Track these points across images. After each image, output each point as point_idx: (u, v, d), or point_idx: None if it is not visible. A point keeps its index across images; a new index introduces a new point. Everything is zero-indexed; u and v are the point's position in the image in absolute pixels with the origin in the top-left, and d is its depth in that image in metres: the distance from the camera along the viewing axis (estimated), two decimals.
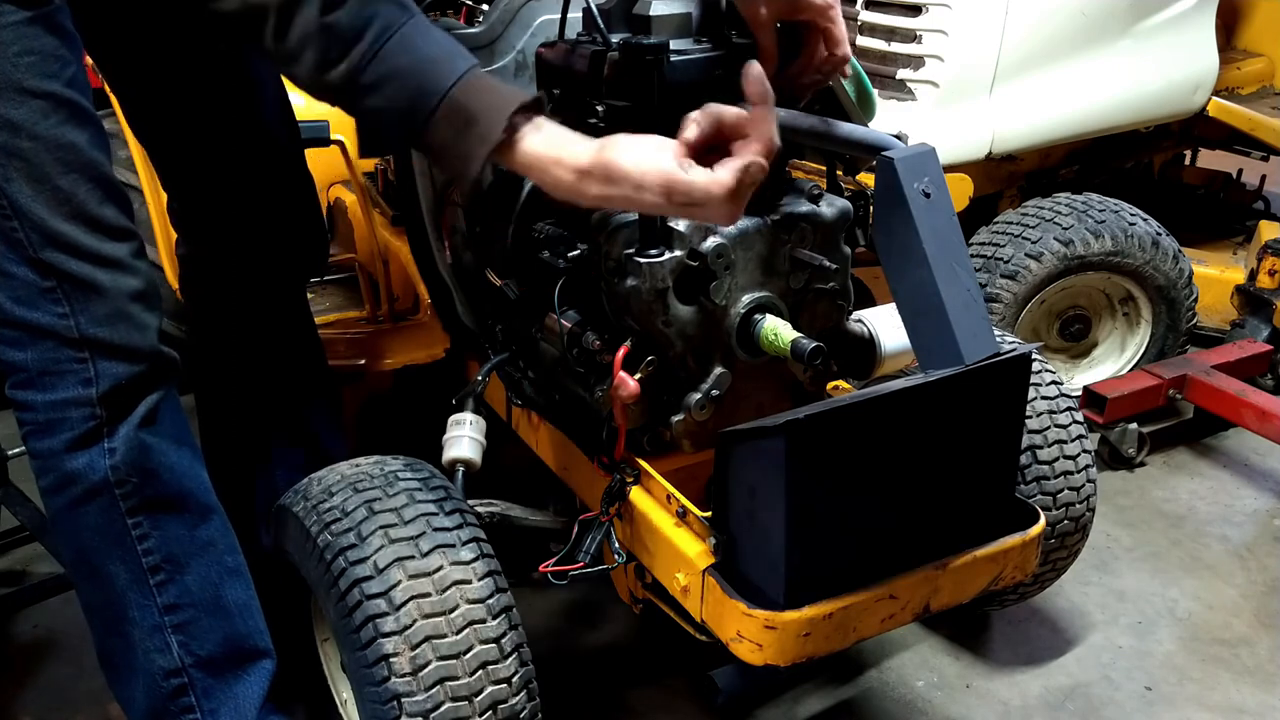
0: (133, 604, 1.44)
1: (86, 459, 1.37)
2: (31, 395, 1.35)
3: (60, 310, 1.33)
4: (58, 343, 1.33)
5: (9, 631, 2.07)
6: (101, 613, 1.46)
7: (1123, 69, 2.74)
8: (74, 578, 1.47)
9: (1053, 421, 1.81)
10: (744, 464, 1.28)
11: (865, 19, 2.69)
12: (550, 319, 1.58)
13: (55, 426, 1.36)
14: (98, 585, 1.44)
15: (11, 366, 1.35)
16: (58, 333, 1.33)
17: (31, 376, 1.34)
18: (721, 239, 1.43)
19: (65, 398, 1.35)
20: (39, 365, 1.34)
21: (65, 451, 1.37)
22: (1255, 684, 1.97)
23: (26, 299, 1.32)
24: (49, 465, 1.38)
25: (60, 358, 1.34)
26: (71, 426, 1.36)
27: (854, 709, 1.91)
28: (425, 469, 1.52)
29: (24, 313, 1.32)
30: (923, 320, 1.26)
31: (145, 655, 1.46)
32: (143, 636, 1.45)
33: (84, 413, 1.36)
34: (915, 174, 1.22)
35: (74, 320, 1.33)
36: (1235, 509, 2.49)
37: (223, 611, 1.50)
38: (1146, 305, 2.65)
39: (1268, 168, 3.45)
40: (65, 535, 1.43)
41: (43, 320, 1.32)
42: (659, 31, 1.49)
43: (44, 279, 1.31)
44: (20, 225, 1.29)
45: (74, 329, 1.33)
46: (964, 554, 1.37)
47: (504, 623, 1.37)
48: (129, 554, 1.42)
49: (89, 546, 1.41)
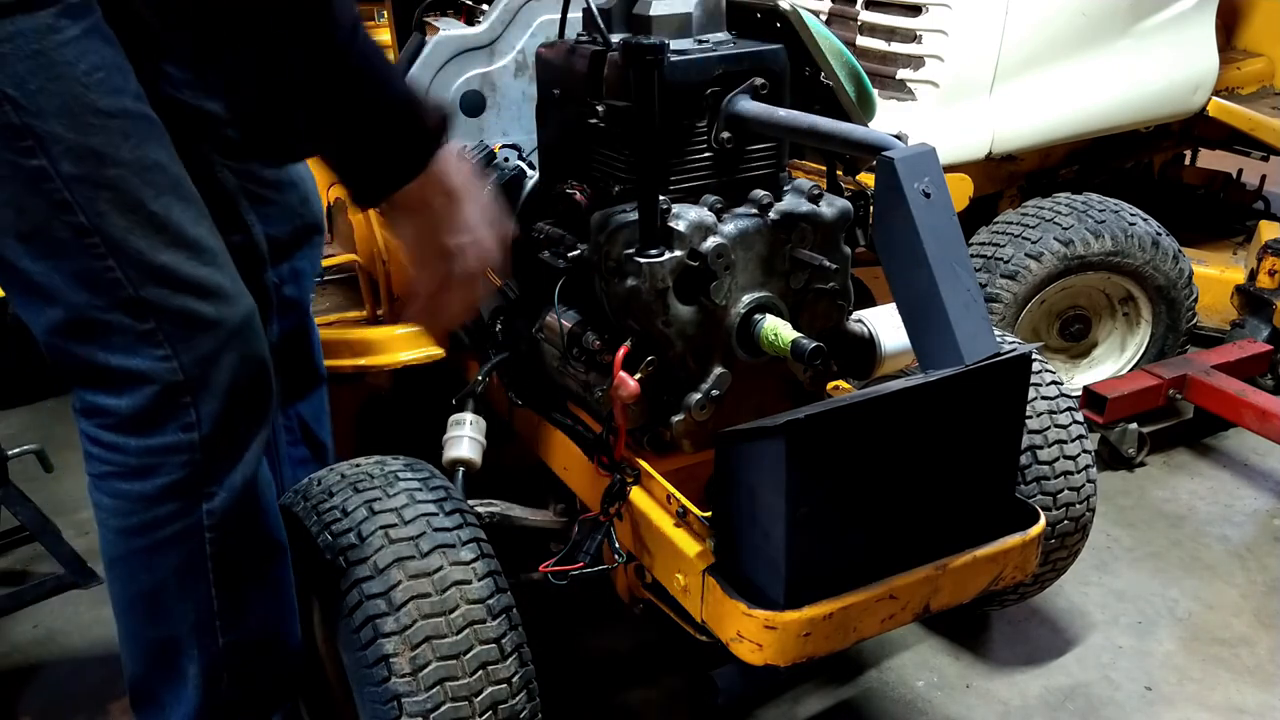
0: (195, 644, 1.34)
1: (179, 505, 1.26)
2: (123, 439, 1.23)
3: (161, 353, 1.20)
4: (157, 388, 1.21)
5: (9, 631, 2.07)
6: (155, 646, 1.36)
7: (1123, 69, 2.74)
8: (126, 611, 1.35)
9: (1053, 421, 1.81)
10: (744, 464, 1.28)
11: (865, 19, 2.70)
12: (550, 319, 1.59)
13: (149, 472, 1.24)
14: (160, 622, 1.34)
15: (102, 410, 1.22)
16: (159, 377, 1.20)
17: (124, 420, 1.22)
18: (721, 239, 1.43)
19: (164, 444, 1.23)
20: (135, 410, 1.21)
21: (155, 498, 1.25)
22: (1255, 684, 1.97)
23: (122, 346, 1.19)
24: (134, 508, 1.26)
25: (161, 404, 1.21)
26: (168, 472, 1.24)
27: (854, 709, 1.91)
28: (425, 469, 1.52)
29: (120, 361, 1.20)
30: (923, 320, 1.26)
31: (196, 689, 1.37)
32: (197, 673, 1.36)
33: (182, 459, 1.24)
34: (915, 174, 1.22)
35: (177, 362, 1.21)
36: (1235, 509, 2.49)
37: (276, 649, 1.43)
38: (1146, 305, 2.65)
39: (1268, 168, 3.45)
40: (135, 572, 1.31)
41: (142, 366, 1.20)
42: (659, 31, 1.49)
43: (141, 321, 1.19)
44: (117, 263, 1.17)
45: (177, 371, 1.21)
46: (964, 554, 1.37)
47: (504, 623, 1.37)
48: (202, 596, 1.32)
49: (162, 587, 1.30)
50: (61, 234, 1.15)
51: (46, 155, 1.12)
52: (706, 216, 1.44)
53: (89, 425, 1.25)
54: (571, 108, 1.58)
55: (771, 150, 1.54)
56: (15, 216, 1.15)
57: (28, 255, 1.16)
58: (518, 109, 1.82)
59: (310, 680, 1.61)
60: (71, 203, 1.14)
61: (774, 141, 1.53)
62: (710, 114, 1.48)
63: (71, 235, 1.15)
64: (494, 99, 1.80)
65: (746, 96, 1.47)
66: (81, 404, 1.24)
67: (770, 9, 1.55)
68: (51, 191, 1.13)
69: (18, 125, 1.10)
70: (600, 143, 1.56)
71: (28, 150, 1.11)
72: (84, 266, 1.17)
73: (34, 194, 1.13)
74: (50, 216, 1.14)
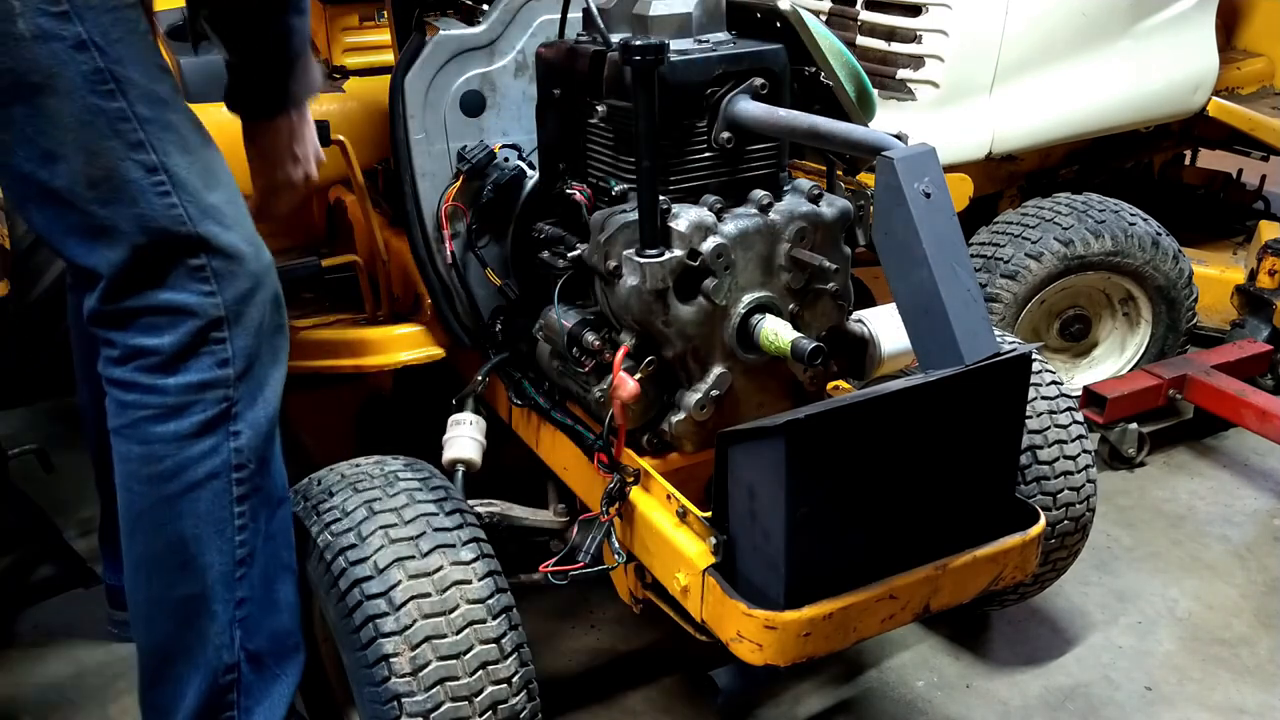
0: (218, 597, 1.39)
1: (212, 442, 1.34)
2: (162, 379, 1.31)
3: (207, 289, 1.31)
4: (200, 323, 1.31)
5: (9, 631, 2.07)
6: (178, 607, 1.39)
7: (1123, 69, 2.74)
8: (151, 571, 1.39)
9: (1053, 421, 1.81)
10: (744, 464, 1.28)
11: (865, 19, 2.69)
12: (550, 319, 1.59)
13: (186, 410, 1.32)
14: (187, 577, 1.38)
15: (143, 351, 1.31)
16: (204, 311, 1.30)
17: (165, 359, 1.30)
18: (721, 239, 1.43)
19: (202, 379, 1.32)
20: (176, 347, 1.30)
21: (192, 436, 1.33)
22: (1255, 684, 1.97)
23: (174, 282, 1.29)
24: (166, 451, 1.33)
25: (200, 339, 1.31)
26: (204, 409, 1.32)
27: (854, 709, 1.91)
28: (425, 469, 1.52)
29: (170, 296, 1.29)
30: (923, 320, 1.26)
31: (215, 651, 1.41)
32: (218, 631, 1.41)
33: (218, 394, 1.33)
34: (915, 174, 1.22)
35: (221, 297, 1.32)
36: (1235, 509, 2.49)
37: (274, 606, 1.47)
38: (1146, 305, 2.65)
39: (1268, 168, 3.45)
40: (164, 523, 1.36)
41: (190, 301, 1.30)
42: (659, 31, 1.49)
43: (195, 256, 1.30)
44: (179, 199, 1.28)
45: (220, 305, 1.31)
46: (964, 554, 1.37)
47: (504, 623, 1.37)
48: (227, 544, 1.38)
49: (191, 536, 1.36)
50: (133, 173, 1.26)
51: (125, 98, 1.25)
52: (706, 216, 1.44)
53: (127, 371, 1.32)
54: (571, 108, 1.58)
55: (771, 150, 1.54)
56: (87, 161, 1.24)
57: (97, 200, 1.26)
58: (518, 109, 1.82)
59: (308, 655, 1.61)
60: (145, 142, 1.27)
61: (774, 141, 1.53)
62: (710, 114, 1.48)
63: (143, 173, 1.27)
64: (494, 99, 1.80)
65: (746, 96, 1.47)
66: (121, 351, 1.32)
67: (770, 9, 1.55)
68: (128, 131, 1.26)
69: (103, 69, 1.23)
70: (600, 143, 1.56)
71: (109, 93, 1.24)
72: (150, 205, 1.28)
73: (112, 135, 1.25)
74: (124, 156, 1.26)
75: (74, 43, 1.21)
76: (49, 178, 1.25)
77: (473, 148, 1.77)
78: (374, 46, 2.48)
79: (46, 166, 1.24)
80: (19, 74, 1.20)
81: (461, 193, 1.77)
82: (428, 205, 1.79)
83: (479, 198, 1.75)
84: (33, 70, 1.20)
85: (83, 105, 1.23)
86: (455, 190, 1.77)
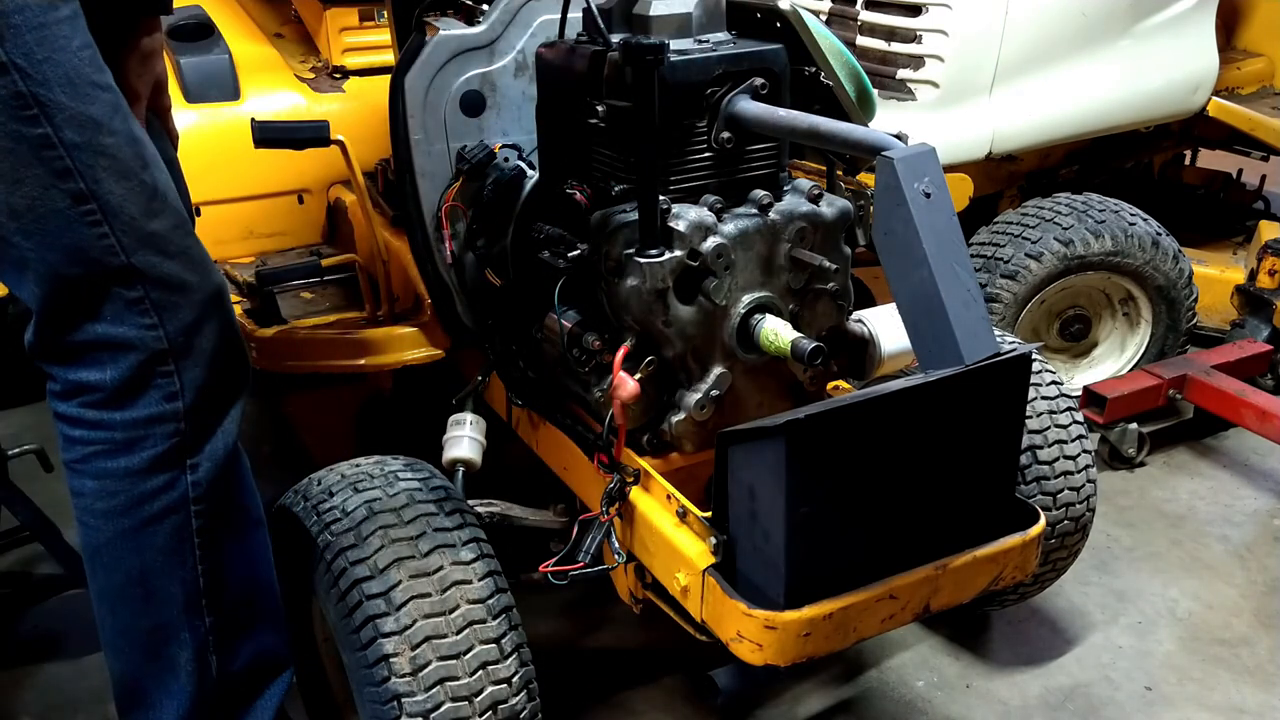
0: (185, 625, 1.37)
1: (166, 477, 1.30)
2: (108, 415, 1.26)
3: (147, 321, 1.25)
4: (142, 356, 1.25)
5: (9, 631, 2.07)
6: (144, 637, 1.37)
7: (1123, 69, 2.74)
8: (114, 603, 1.37)
9: (1053, 421, 1.81)
10: (744, 464, 1.28)
11: (865, 19, 2.69)
12: (550, 319, 1.59)
13: (135, 445, 1.27)
14: (149, 608, 1.36)
15: (86, 387, 1.26)
16: (145, 345, 1.25)
17: (109, 395, 1.25)
18: (721, 239, 1.43)
19: (149, 414, 1.27)
20: (119, 382, 1.25)
21: (146, 471, 1.28)
22: (1255, 684, 1.97)
23: (110, 315, 1.23)
24: (120, 486, 1.29)
25: (144, 373, 1.26)
26: (154, 444, 1.28)
27: (854, 709, 1.91)
28: (425, 469, 1.52)
29: (106, 329, 1.23)
30: (923, 320, 1.26)
31: (188, 677, 1.39)
32: (189, 659, 1.38)
33: (168, 429, 1.28)
34: (915, 174, 1.22)
35: (162, 330, 1.26)
36: (1235, 509, 2.49)
37: (254, 627, 1.45)
38: (1146, 305, 2.65)
39: (1268, 168, 3.45)
40: (122, 557, 1.33)
41: (129, 334, 1.24)
42: (659, 31, 1.49)
43: (130, 289, 1.23)
44: (111, 229, 1.21)
45: (163, 339, 1.26)
46: (964, 554, 1.37)
47: (504, 623, 1.37)
48: (189, 573, 1.35)
49: (150, 568, 1.33)
50: (59, 203, 1.19)
51: (50, 123, 1.17)
52: (706, 216, 1.44)
53: (71, 406, 1.27)
54: (571, 108, 1.58)
55: (771, 150, 1.54)
56: (9, 190, 1.17)
57: (20, 231, 1.19)
58: (518, 109, 1.82)
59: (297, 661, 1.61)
60: (72, 169, 1.18)
61: (774, 141, 1.53)
62: (710, 114, 1.48)
63: (69, 203, 1.19)
64: (494, 99, 1.80)
65: (746, 96, 1.47)
66: (63, 386, 1.27)
67: (770, 9, 1.55)
68: (53, 159, 1.18)
69: (24, 93, 1.15)
70: (600, 143, 1.56)
71: (32, 119, 1.16)
72: (79, 235, 1.20)
73: (35, 162, 1.17)
74: (49, 185, 1.18)
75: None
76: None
77: (473, 148, 1.76)
78: (374, 46, 2.48)
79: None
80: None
81: (461, 193, 1.77)
82: (428, 205, 1.79)
83: (479, 198, 1.75)
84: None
85: (3, 132, 1.15)
86: (455, 190, 1.77)
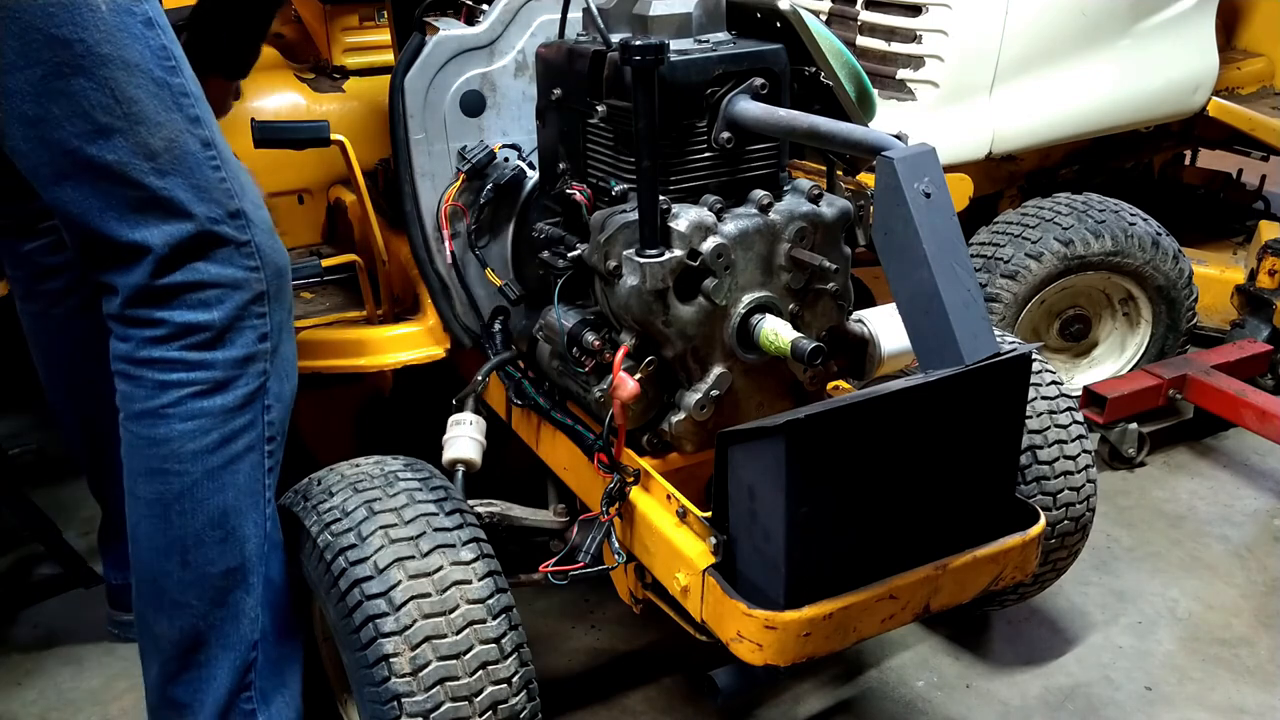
0: (254, 569, 1.44)
1: (252, 414, 1.39)
2: (211, 354, 1.35)
3: (252, 264, 1.36)
4: (247, 297, 1.36)
5: (9, 631, 2.07)
6: (216, 582, 1.42)
7: (1123, 69, 2.74)
8: (188, 552, 1.41)
9: (1053, 421, 1.81)
10: (744, 464, 1.28)
11: (865, 19, 2.69)
12: (550, 319, 1.59)
13: (232, 383, 1.37)
14: (228, 551, 1.42)
15: (194, 327, 1.34)
16: (249, 286, 1.36)
17: (214, 335, 1.35)
18: (721, 239, 1.43)
19: (248, 353, 1.37)
20: (226, 322, 1.35)
21: (235, 409, 1.37)
22: (1255, 684, 1.97)
23: (226, 257, 1.34)
24: (214, 424, 1.37)
25: (247, 313, 1.36)
26: (247, 381, 1.37)
27: (854, 709, 1.91)
28: (425, 469, 1.52)
29: (219, 270, 1.34)
30: (923, 320, 1.26)
31: (250, 625, 1.45)
32: (252, 604, 1.44)
33: (259, 368, 1.38)
34: (915, 174, 1.22)
35: (264, 273, 1.37)
36: (1235, 509, 2.49)
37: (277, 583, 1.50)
38: (1146, 305, 2.65)
39: (1268, 168, 3.45)
40: (206, 498, 1.39)
41: (239, 275, 1.35)
42: (659, 31, 1.49)
43: (241, 231, 1.35)
44: (227, 174, 1.34)
45: (264, 281, 1.37)
46: (964, 554, 1.37)
47: (504, 623, 1.37)
48: (260, 515, 1.44)
49: (231, 508, 1.40)
50: (192, 145, 1.32)
51: (183, 75, 1.32)
52: (706, 216, 1.44)
53: (171, 350, 1.34)
54: (571, 108, 1.58)
55: (771, 150, 1.54)
56: (150, 131, 1.29)
57: (155, 170, 1.30)
58: (518, 109, 1.82)
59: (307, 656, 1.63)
60: (201, 118, 1.33)
61: (774, 141, 1.53)
62: (710, 114, 1.48)
63: (200, 146, 1.33)
64: (494, 99, 1.80)
65: (746, 96, 1.47)
66: (169, 329, 1.34)
67: (770, 9, 1.55)
68: (188, 106, 1.32)
69: (166, 47, 1.30)
70: (600, 143, 1.56)
71: (172, 69, 1.31)
72: (205, 178, 1.33)
73: (174, 108, 1.31)
74: (184, 129, 1.31)
75: (143, 19, 1.27)
76: (98, 152, 1.27)
77: (473, 148, 1.77)
78: (374, 46, 2.48)
79: (97, 141, 1.27)
80: (90, 44, 1.23)
81: (461, 193, 1.77)
82: (428, 205, 1.79)
83: (479, 198, 1.76)
84: (105, 41, 1.24)
85: (150, 78, 1.28)
86: (455, 190, 1.77)
